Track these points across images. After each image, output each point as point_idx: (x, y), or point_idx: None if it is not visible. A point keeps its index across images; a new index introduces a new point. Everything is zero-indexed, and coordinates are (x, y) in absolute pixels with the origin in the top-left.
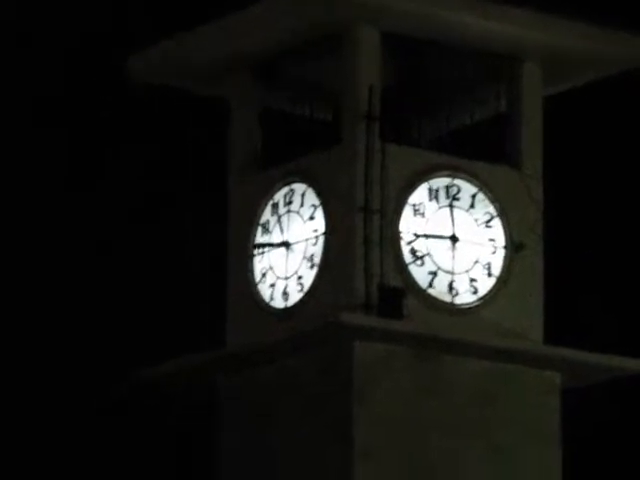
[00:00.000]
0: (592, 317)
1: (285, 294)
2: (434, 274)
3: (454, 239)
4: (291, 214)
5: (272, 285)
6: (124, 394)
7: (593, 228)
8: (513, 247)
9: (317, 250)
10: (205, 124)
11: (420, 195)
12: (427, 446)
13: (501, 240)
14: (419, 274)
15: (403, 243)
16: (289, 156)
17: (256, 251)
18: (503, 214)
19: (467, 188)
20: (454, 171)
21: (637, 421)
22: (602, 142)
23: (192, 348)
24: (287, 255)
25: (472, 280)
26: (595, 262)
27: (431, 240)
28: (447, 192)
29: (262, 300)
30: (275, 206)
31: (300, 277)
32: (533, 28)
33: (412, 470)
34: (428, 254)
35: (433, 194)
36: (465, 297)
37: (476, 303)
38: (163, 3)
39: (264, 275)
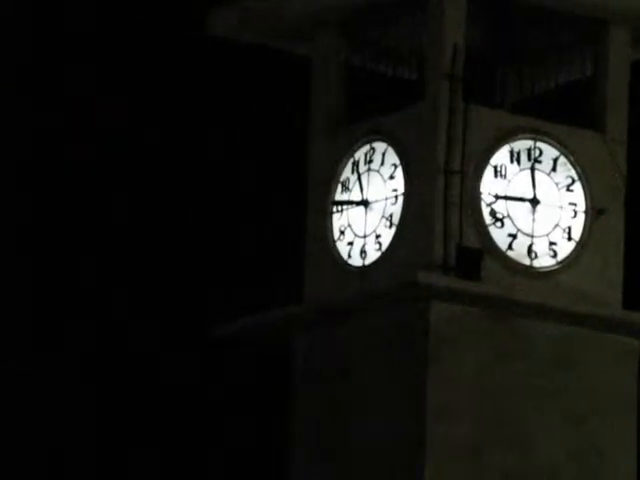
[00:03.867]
0: None
1: (363, 252)
2: (514, 236)
3: (535, 202)
4: (371, 173)
5: (350, 243)
6: (203, 350)
7: None
8: (594, 212)
9: (396, 209)
10: (287, 81)
11: (501, 157)
12: (501, 410)
13: (582, 204)
14: (498, 236)
15: (483, 204)
16: (371, 114)
17: (335, 209)
18: (585, 178)
19: (549, 151)
20: (536, 134)
21: None
22: None
23: (270, 305)
24: (366, 213)
25: (552, 244)
26: None
27: (511, 202)
28: (529, 154)
29: (340, 258)
30: (355, 164)
31: (378, 236)
32: None
33: (485, 432)
34: (508, 216)
35: (515, 156)
36: (544, 260)
37: (555, 267)
38: None
39: (342, 233)
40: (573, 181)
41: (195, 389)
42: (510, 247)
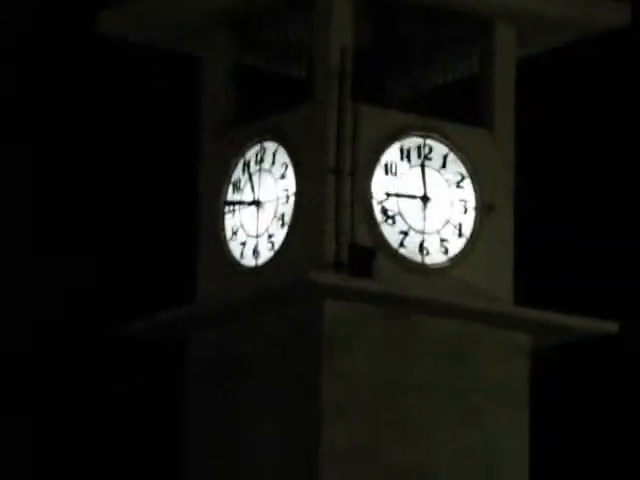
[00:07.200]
0: (562, 278)
1: (256, 252)
2: (405, 234)
3: (425, 199)
4: (262, 172)
5: (243, 243)
6: (96, 350)
7: (563, 189)
8: (484, 208)
9: (288, 209)
10: (177, 81)
11: (392, 155)
12: (396, 404)
13: (472, 201)
14: (390, 234)
15: (374, 202)
16: (261, 114)
17: (227, 209)
18: (474, 175)
19: (439, 148)
20: (426, 131)
21: (605, 383)
22: (575, 104)
23: (163, 305)
24: (258, 213)
25: (443, 240)
26: (566, 223)
27: (402, 200)
28: (419, 152)
29: (233, 258)
30: (246, 164)
31: (271, 236)
32: None
33: (381, 426)
34: (399, 214)
35: (405, 154)
36: (436, 257)
37: (447, 263)
38: None
39: (235, 233)
40: (463, 178)
41: (90, 391)
42: (402, 244)
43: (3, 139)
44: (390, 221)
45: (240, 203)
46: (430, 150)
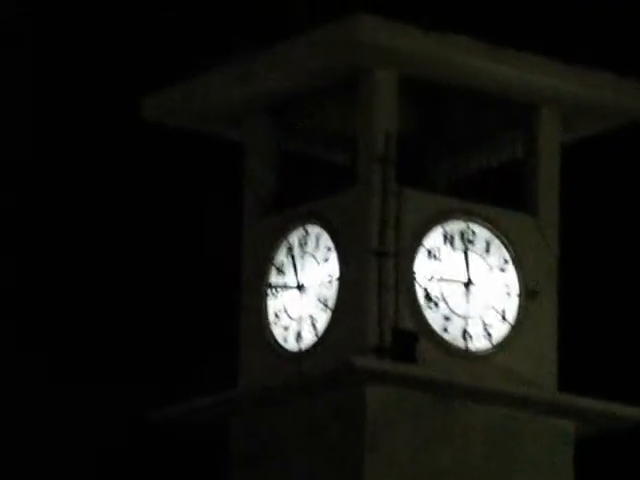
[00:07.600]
0: (607, 364)
1: (298, 336)
2: (448, 318)
3: (468, 284)
4: (306, 256)
5: (285, 328)
6: (136, 436)
7: (608, 275)
8: (528, 293)
9: (331, 293)
10: (221, 166)
11: (435, 239)
12: None
13: (516, 286)
14: (433, 318)
15: (417, 286)
16: (305, 198)
17: (270, 292)
18: (518, 260)
19: (482, 233)
20: (469, 216)
21: None
22: (620, 191)
23: (205, 390)
24: (301, 297)
25: (486, 325)
26: (611, 310)
27: (445, 284)
28: (462, 237)
29: (275, 342)
30: (290, 248)
31: (314, 320)
32: (551, 75)
33: None
34: (442, 298)
35: (448, 238)
36: (479, 342)
37: (490, 349)
38: (180, 44)
39: (277, 317)
40: (506, 263)
41: (131, 475)
42: (445, 329)
43: None
44: (433, 305)
45: (283, 287)
46: (473, 235)
